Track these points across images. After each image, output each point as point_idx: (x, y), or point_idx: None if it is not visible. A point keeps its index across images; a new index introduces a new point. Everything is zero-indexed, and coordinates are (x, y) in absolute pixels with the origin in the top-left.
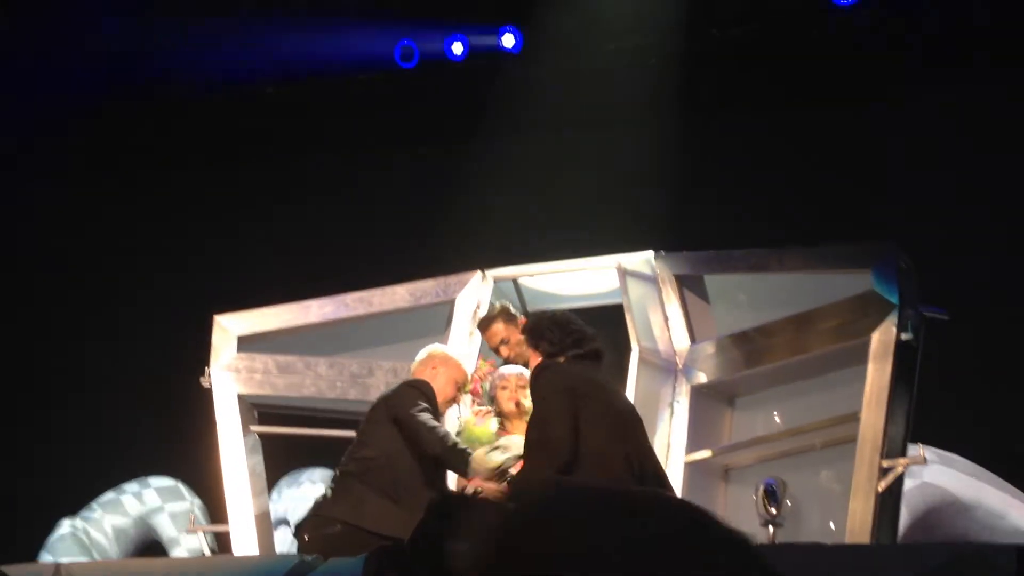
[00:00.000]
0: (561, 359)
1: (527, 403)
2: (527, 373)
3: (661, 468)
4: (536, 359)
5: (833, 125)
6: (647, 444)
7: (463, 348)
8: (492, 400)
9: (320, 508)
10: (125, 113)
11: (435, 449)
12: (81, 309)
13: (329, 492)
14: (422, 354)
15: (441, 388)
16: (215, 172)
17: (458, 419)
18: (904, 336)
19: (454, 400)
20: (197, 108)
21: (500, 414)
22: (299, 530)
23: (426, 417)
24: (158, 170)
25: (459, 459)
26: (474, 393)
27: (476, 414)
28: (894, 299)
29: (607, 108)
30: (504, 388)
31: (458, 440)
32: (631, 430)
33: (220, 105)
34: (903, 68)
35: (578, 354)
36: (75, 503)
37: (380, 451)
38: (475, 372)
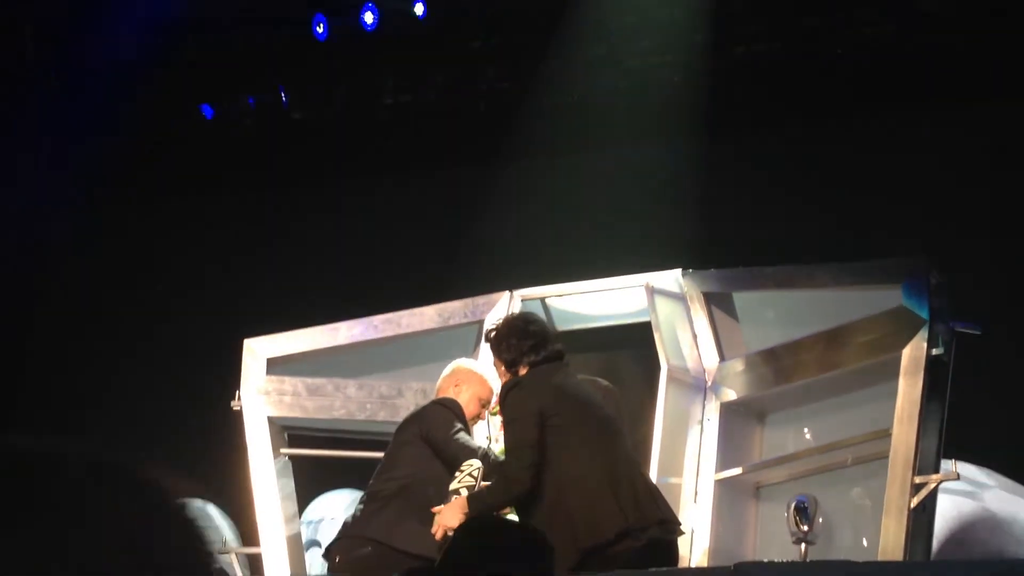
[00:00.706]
0: (523, 369)
1: None
2: None
3: (646, 478)
4: (504, 375)
5: (862, 141)
6: (628, 452)
7: (490, 367)
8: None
9: (350, 529)
10: (153, 133)
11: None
12: (111, 333)
13: (359, 512)
14: (447, 369)
15: (464, 405)
16: (244, 195)
17: (487, 438)
18: (935, 351)
19: (478, 417)
20: (223, 129)
21: None
22: (329, 552)
23: (463, 438)
24: (188, 192)
25: (504, 491)
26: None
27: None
28: (924, 314)
29: (633, 126)
30: None
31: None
32: (611, 441)
33: (248, 127)
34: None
35: (535, 361)
36: None
37: (411, 471)
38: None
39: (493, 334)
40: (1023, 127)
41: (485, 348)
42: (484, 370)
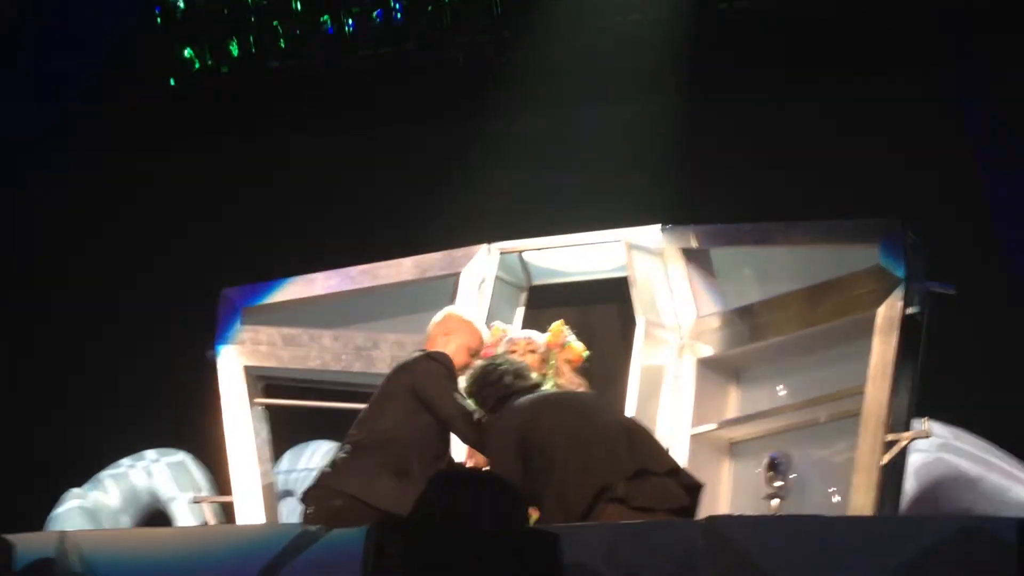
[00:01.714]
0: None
1: (534, 364)
2: (536, 337)
3: (667, 459)
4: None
5: (843, 99)
6: (635, 448)
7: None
8: None
9: (327, 478)
10: (131, 86)
11: (470, 439)
12: (87, 283)
13: (339, 461)
14: (439, 315)
15: (453, 355)
16: (221, 146)
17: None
18: (910, 310)
19: (467, 367)
20: (202, 82)
21: None
22: (305, 497)
23: (455, 399)
24: (162, 144)
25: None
26: (486, 355)
27: None
28: (900, 273)
29: (614, 82)
30: (512, 352)
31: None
32: (608, 448)
33: (225, 79)
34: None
35: (502, 404)
36: (82, 475)
37: (397, 426)
38: (491, 339)
39: (466, 385)
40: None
41: (461, 302)
42: (476, 318)
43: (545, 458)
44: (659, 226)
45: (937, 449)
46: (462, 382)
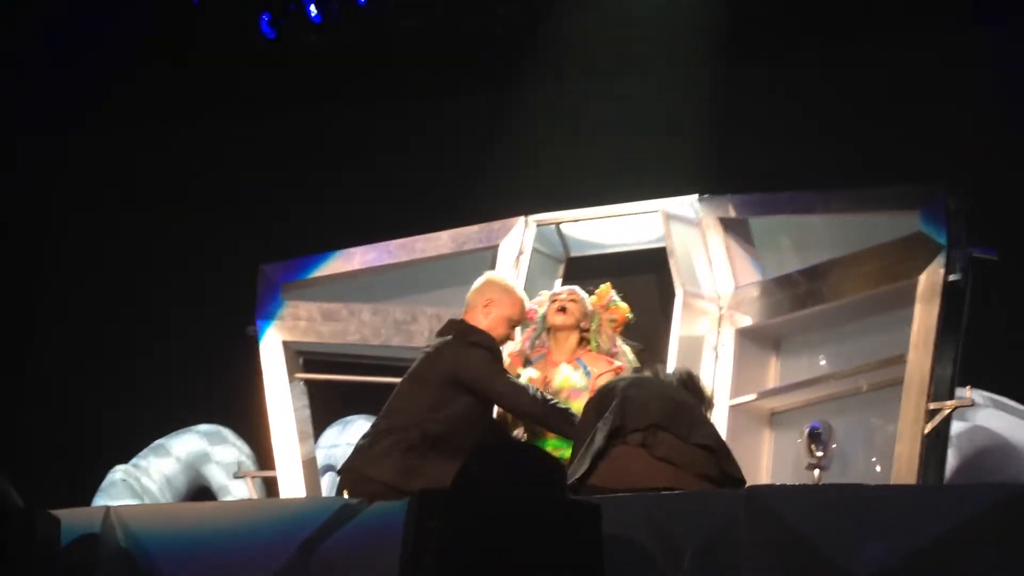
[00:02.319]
0: None
1: (576, 313)
2: (581, 292)
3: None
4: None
5: (882, 65)
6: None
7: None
8: (543, 318)
9: (359, 465)
10: (171, 60)
11: (536, 414)
12: (128, 260)
13: (370, 448)
14: (479, 281)
15: (492, 328)
16: (259, 122)
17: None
18: (952, 277)
19: (508, 337)
20: (239, 56)
21: (550, 329)
22: (341, 480)
23: (508, 380)
24: (202, 120)
25: (562, 418)
26: (530, 318)
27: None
28: (942, 240)
29: (651, 51)
30: (554, 301)
31: (553, 398)
32: (642, 402)
33: (263, 53)
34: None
35: None
36: (126, 451)
37: (433, 411)
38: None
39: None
40: None
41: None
42: (516, 287)
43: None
44: (696, 196)
45: (982, 418)
46: None
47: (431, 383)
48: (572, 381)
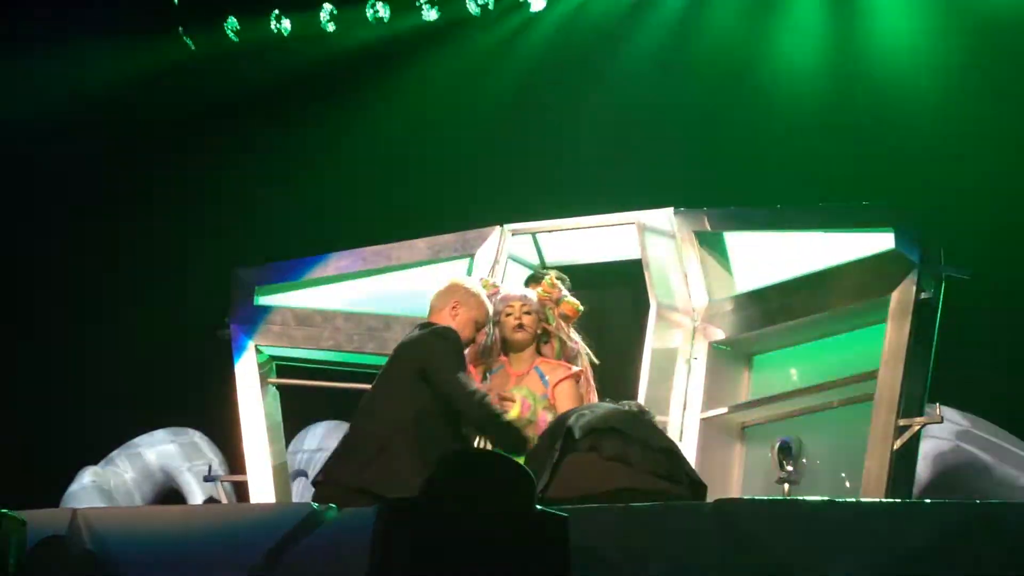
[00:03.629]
0: None
1: (532, 325)
2: (530, 295)
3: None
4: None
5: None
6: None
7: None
8: (496, 325)
9: (336, 470)
10: (144, 69)
11: (481, 421)
12: (103, 263)
13: (347, 452)
14: (442, 285)
15: (460, 330)
16: (236, 128)
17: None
18: (924, 295)
19: (472, 341)
20: (214, 63)
21: (504, 341)
22: (315, 485)
23: (465, 381)
24: (178, 126)
25: (508, 436)
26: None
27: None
28: (915, 258)
29: (629, 64)
30: (508, 314)
31: (503, 412)
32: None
33: (236, 60)
34: None
35: None
36: (96, 453)
37: (405, 410)
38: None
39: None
40: None
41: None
42: (481, 291)
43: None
44: (672, 209)
45: (952, 436)
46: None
47: (400, 380)
48: (532, 390)
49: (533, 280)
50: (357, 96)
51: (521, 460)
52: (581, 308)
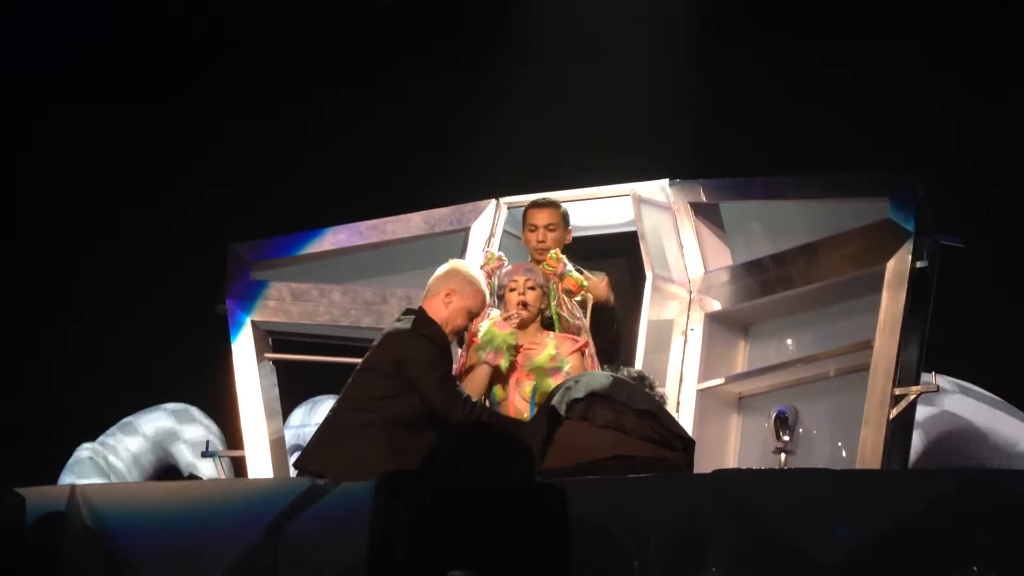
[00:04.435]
0: None
1: (536, 303)
2: (535, 273)
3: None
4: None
5: (851, 52)
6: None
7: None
8: (500, 300)
9: (315, 458)
10: (138, 43)
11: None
12: (99, 238)
13: (327, 439)
14: (443, 268)
15: (450, 319)
16: (232, 102)
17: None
18: (919, 264)
19: (463, 329)
20: (211, 38)
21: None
22: (296, 469)
23: (448, 385)
24: (172, 101)
25: None
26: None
27: (504, 318)
28: (910, 227)
29: (623, 33)
30: (512, 290)
31: (489, 418)
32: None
33: (231, 35)
34: None
35: None
36: (94, 428)
37: (390, 403)
38: (483, 265)
39: None
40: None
41: (471, 257)
42: (479, 278)
43: None
44: (668, 180)
45: (947, 403)
46: None
47: (380, 372)
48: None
49: (538, 205)
50: (345, 70)
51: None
52: (585, 283)
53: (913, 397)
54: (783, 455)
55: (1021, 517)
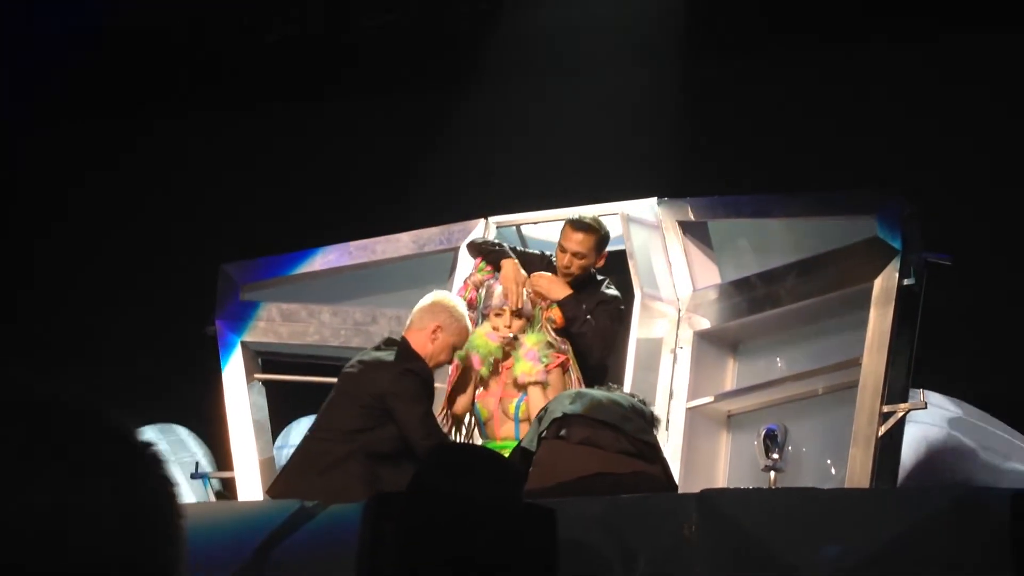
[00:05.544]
0: None
1: (520, 330)
2: (523, 296)
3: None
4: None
5: (840, 70)
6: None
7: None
8: (484, 318)
9: (289, 488)
10: (130, 56)
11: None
12: (87, 258)
13: (301, 467)
14: (427, 300)
15: (435, 354)
16: (221, 120)
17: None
18: (906, 281)
19: (447, 363)
20: (198, 53)
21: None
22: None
23: (428, 421)
24: (159, 119)
25: None
26: (470, 304)
27: (495, 328)
28: (897, 245)
29: (611, 52)
30: (499, 315)
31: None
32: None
33: (221, 50)
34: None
35: None
36: None
37: (367, 434)
38: (469, 278)
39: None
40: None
41: (460, 276)
42: (464, 313)
43: None
44: (656, 199)
45: (935, 421)
46: None
47: (360, 403)
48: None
49: (575, 227)
50: (334, 87)
51: None
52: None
53: (901, 414)
54: (772, 473)
55: (1003, 538)
